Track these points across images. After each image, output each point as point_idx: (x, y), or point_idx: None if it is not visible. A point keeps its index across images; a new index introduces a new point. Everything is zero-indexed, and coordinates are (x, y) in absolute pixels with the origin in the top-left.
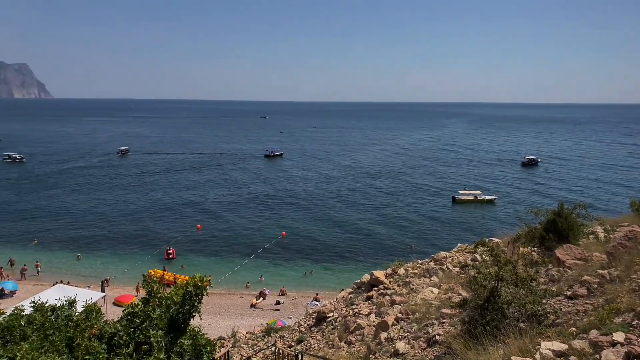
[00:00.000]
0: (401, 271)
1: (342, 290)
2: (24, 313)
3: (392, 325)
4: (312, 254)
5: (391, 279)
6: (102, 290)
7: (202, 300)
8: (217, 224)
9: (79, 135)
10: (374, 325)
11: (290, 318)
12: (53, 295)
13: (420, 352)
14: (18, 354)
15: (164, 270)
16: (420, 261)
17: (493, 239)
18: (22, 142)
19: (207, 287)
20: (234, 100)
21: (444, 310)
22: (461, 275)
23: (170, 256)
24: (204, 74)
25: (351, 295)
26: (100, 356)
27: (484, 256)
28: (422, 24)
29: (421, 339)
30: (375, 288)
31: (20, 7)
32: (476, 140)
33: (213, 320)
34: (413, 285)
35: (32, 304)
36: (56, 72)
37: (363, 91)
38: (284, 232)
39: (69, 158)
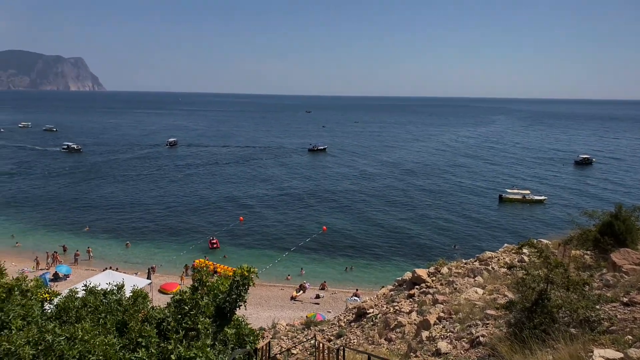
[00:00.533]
0: (444, 270)
1: (383, 287)
2: (78, 295)
3: (434, 324)
4: (352, 250)
5: (434, 278)
6: (149, 278)
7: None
8: (259, 216)
9: (128, 127)
10: (415, 324)
11: (330, 312)
12: (103, 280)
13: (462, 352)
14: (80, 332)
15: (205, 259)
16: (464, 261)
17: (542, 240)
18: (76, 133)
19: (253, 277)
20: (280, 94)
21: (488, 312)
22: (507, 276)
23: (214, 246)
24: (253, 68)
25: (392, 292)
26: (152, 339)
27: (532, 258)
28: (464, 17)
29: (464, 339)
30: (417, 286)
31: (78, 3)
32: (525, 137)
33: (254, 310)
34: (456, 284)
35: (85, 287)
36: (109, 66)
37: (407, 86)
38: (325, 227)
39: (120, 149)
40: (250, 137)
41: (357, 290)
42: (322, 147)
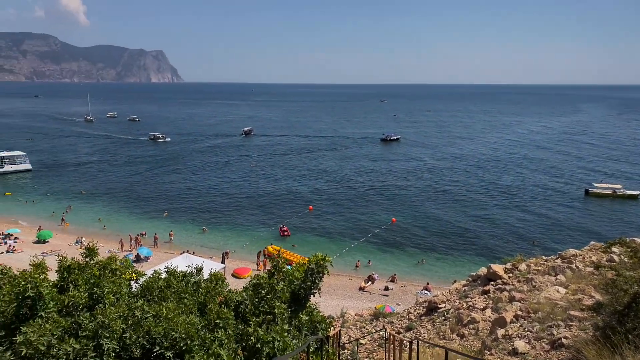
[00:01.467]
0: (522, 267)
1: (455, 281)
2: (162, 277)
3: (510, 323)
4: (423, 243)
5: (511, 274)
6: (223, 262)
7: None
8: (329, 206)
9: (205, 117)
10: (489, 321)
11: (399, 305)
12: (181, 262)
13: (542, 354)
14: (165, 311)
15: (271, 245)
16: (544, 257)
17: (635, 239)
18: (157, 123)
19: (327, 266)
20: (354, 84)
21: (572, 312)
22: (594, 276)
23: (285, 234)
24: (326, 58)
25: (465, 287)
26: (229, 321)
27: (623, 257)
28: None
29: (544, 340)
30: (492, 282)
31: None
32: (616, 128)
33: (322, 298)
34: (536, 282)
35: (167, 269)
36: (187, 58)
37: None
38: (394, 219)
39: (197, 138)
40: (323, 127)
41: (427, 284)
42: (395, 137)
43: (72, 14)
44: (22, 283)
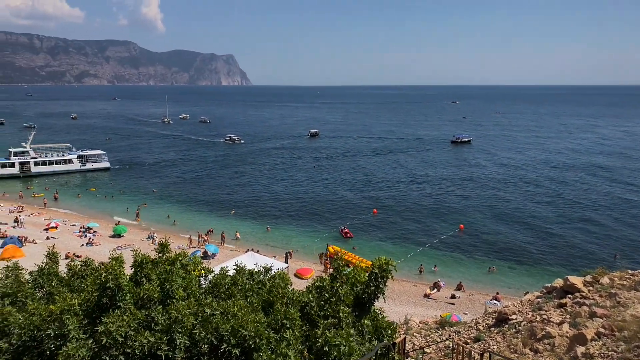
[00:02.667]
0: (605, 280)
1: (527, 293)
2: (229, 274)
3: (591, 340)
4: (493, 250)
5: (591, 288)
6: (286, 262)
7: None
8: (394, 209)
9: (272, 119)
10: (567, 336)
11: (466, 314)
12: (246, 260)
13: None
14: (234, 308)
15: (330, 246)
16: (630, 272)
17: None
18: (226, 124)
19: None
20: (422, 84)
21: None
22: None
23: (347, 235)
24: (393, 60)
25: (539, 299)
26: (296, 322)
27: None
28: None
29: None
30: (569, 295)
31: (231, 4)
32: None
33: (385, 304)
34: (620, 298)
35: (235, 267)
36: (256, 62)
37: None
38: (462, 225)
39: (264, 139)
40: (389, 129)
41: (497, 293)
42: (466, 139)
43: (151, 21)
44: (104, 274)
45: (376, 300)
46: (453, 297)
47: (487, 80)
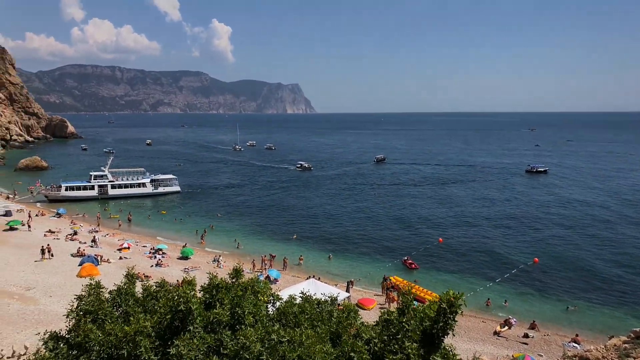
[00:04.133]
0: None
1: (613, 337)
2: (296, 302)
3: None
4: (572, 287)
5: None
6: (347, 291)
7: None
8: (461, 240)
9: (335, 145)
10: None
11: (541, 356)
12: (308, 287)
13: None
14: (301, 337)
15: (387, 278)
16: None
17: None
18: (290, 151)
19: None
20: (494, 111)
21: None
22: None
23: (412, 266)
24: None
25: (626, 345)
26: (364, 356)
27: None
28: None
29: None
30: None
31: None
32: None
33: (452, 340)
34: None
35: (301, 295)
36: (320, 90)
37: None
38: (536, 259)
39: (327, 165)
40: (457, 156)
41: (576, 335)
42: (542, 169)
43: (222, 53)
44: (176, 297)
45: (445, 336)
46: (526, 336)
47: (569, 107)
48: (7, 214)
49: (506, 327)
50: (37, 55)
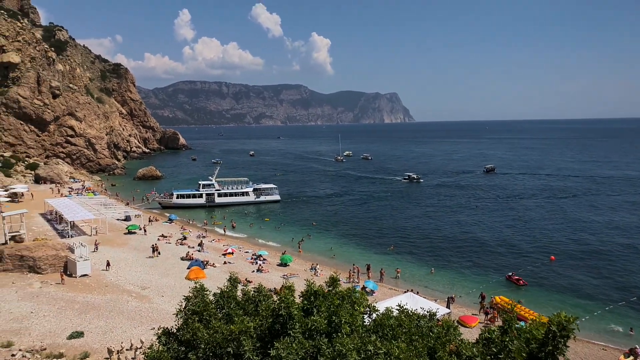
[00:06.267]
0: None
1: None
2: (393, 314)
3: None
4: None
5: None
6: (448, 307)
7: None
8: (576, 258)
9: (436, 155)
10: None
11: None
12: (406, 301)
13: None
14: (397, 350)
15: (499, 296)
16: None
17: None
18: (387, 161)
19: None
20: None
21: None
22: None
23: (520, 282)
24: (569, 90)
25: None
26: None
27: None
28: None
29: None
30: None
31: (396, 44)
32: None
33: None
34: None
35: (398, 307)
36: (418, 98)
37: None
38: None
39: (427, 176)
40: (575, 167)
41: None
42: None
43: (321, 65)
44: (277, 302)
45: None
46: None
47: None
48: (127, 218)
49: (631, 357)
50: (153, 73)
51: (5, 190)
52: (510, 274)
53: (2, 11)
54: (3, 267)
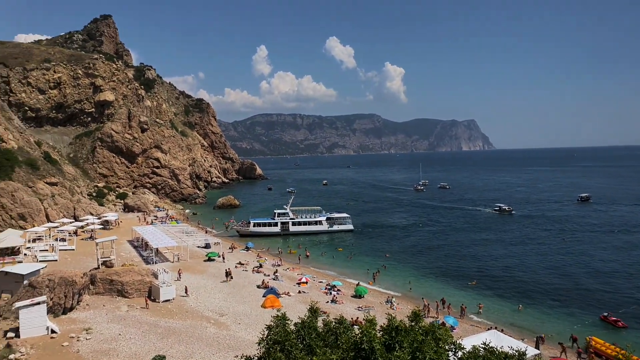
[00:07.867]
0: None
1: None
2: (481, 353)
3: None
4: None
5: None
6: (537, 347)
7: None
8: None
9: (519, 184)
10: None
11: None
12: (489, 339)
13: None
14: None
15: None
16: None
17: None
18: (466, 190)
19: None
20: None
21: None
22: None
23: (618, 324)
24: None
25: None
26: None
27: None
28: None
29: None
30: None
31: (473, 73)
32: None
33: None
34: None
35: (484, 346)
36: (498, 125)
37: None
38: None
39: (516, 206)
40: None
41: None
42: None
43: (394, 94)
44: (359, 335)
45: None
46: None
47: None
48: (207, 246)
49: None
50: (233, 107)
51: (99, 219)
52: (606, 314)
53: (100, 55)
54: (95, 291)
